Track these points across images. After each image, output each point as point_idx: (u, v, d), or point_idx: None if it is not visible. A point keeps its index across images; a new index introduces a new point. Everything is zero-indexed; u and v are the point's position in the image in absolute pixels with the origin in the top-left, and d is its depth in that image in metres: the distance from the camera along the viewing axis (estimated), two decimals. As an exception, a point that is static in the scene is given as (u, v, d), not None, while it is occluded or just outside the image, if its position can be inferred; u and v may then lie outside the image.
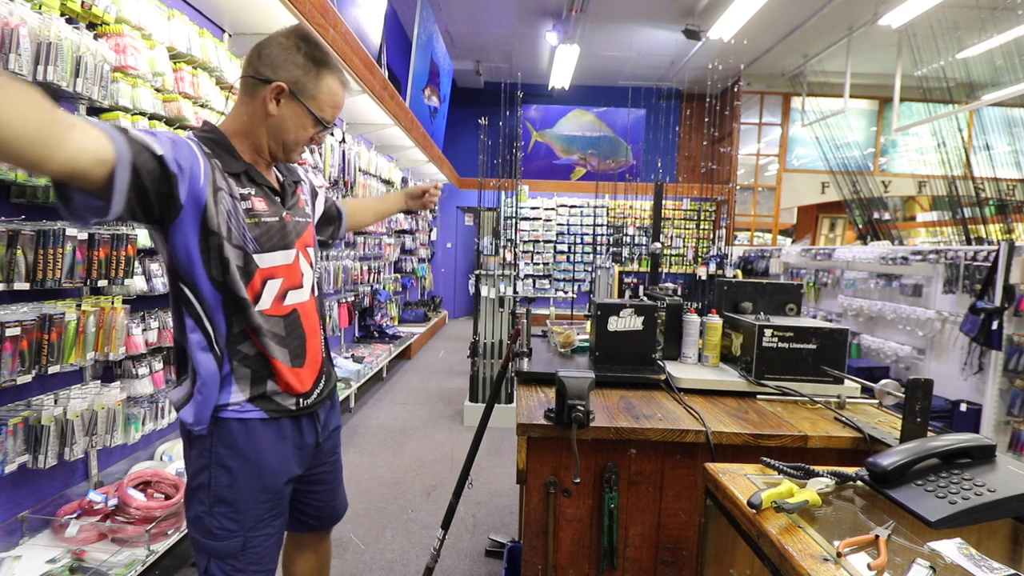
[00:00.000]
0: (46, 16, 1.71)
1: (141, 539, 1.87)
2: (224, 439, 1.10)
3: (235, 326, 1.08)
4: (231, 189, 1.05)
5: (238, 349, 1.09)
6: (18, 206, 1.81)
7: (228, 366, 1.09)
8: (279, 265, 1.12)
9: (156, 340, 2.28)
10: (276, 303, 1.11)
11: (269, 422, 1.13)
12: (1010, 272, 3.12)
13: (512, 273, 4.28)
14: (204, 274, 1.04)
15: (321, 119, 1.13)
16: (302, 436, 1.21)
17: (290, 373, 1.14)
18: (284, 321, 1.13)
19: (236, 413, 1.10)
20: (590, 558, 1.31)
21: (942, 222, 5.41)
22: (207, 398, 1.08)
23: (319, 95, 1.11)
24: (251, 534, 1.13)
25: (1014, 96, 5.03)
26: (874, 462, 0.87)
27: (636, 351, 1.61)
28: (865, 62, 8.05)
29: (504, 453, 3.59)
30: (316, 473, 1.33)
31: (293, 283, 1.15)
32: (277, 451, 1.15)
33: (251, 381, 1.10)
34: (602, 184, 7.90)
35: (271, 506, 1.16)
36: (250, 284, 1.07)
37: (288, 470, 1.18)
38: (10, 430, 1.72)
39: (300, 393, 1.17)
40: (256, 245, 1.07)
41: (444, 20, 7.50)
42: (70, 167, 0.80)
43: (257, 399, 1.11)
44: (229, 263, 1.04)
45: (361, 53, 4.01)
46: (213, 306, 1.06)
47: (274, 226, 1.12)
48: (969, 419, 3.33)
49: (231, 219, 1.04)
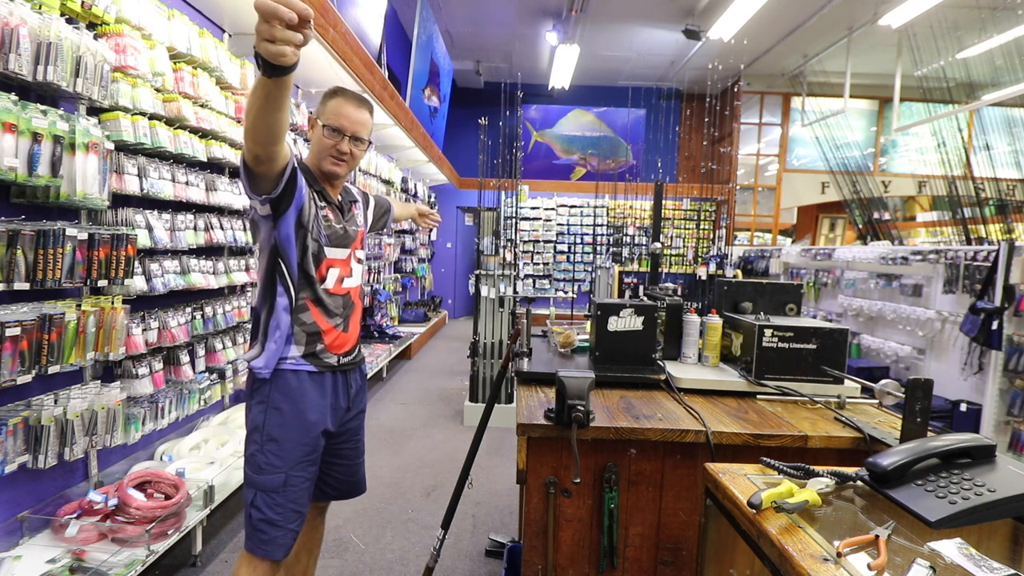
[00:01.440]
0: (46, 16, 1.71)
1: (141, 539, 1.87)
2: (280, 386, 1.41)
3: (299, 299, 1.43)
4: (315, 200, 1.44)
5: (299, 317, 1.43)
6: (18, 206, 1.81)
7: (292, 328, 1.42)
8: (339, 259, 1.49)
9: (156, 340, 2.28)
10: (337, 285, 1.49)
11: (315, 376, 1.45)
12: (1010, 272, 3.12)
13: (512, 273, 4.28)
14: (295, 254, 1.40)
15: (326, 124, 1.44)
16: (337, 396, 1.52)
17: (338, 336, 1.50)
18: (342, 299, 1.51)
19: (292, 365, 1.42)
20: (590, 558, 1.31)
21: (942, 222, 5.41)
22: (278, 348, 1.40)
23: (326, 111, 1.46)
24: (292, 472, 1.40)
25: (1014, 96, 5.03)
26: (874, 462, 0.87)
27: (636, 351, 1.61)
28: (865, 62, 8.05)
29: (504, 453, 3.59)
30: (340, 446, 1.61)
31: (347, 273, 1.52)
32: (317, 404, 1.45)
33: (306, 342, 1.44)
34: (602, 184, 7.90)
35: (309, 450, 1.44)
36: (319, 268, 1.45)
37: (324, 421, 1.47)
38: (10, 430, 1.72)
39: (341, 352, 1.51)
40: (327, 240, 1.46)
41: (444, 20, 7.50)
42: (282, 154, 1.25)
43: (309, 356, 1.44)
44: (308, 250, 1.41)
45: (361, 53, 4.01)
46: (295, 279, 1.41)
47: (338, 231, 1.49)
48: (969, 419, 3.33)
49: (314, 220, 1.42)
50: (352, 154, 1.48)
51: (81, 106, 1.95)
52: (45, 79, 1.69)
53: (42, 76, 1.69)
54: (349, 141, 1.46)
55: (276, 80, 1.04)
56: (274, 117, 1.13)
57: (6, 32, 1.58)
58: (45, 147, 1.69)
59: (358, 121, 1.46)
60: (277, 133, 1.17)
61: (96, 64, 1.87)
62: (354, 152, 1.48)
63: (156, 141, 2.21)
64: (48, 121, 1.69)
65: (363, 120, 1.48)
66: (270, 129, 1.15)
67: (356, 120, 1.46)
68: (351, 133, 1.45)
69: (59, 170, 1.73)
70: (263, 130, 1.15)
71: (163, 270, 2.33)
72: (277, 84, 1.05)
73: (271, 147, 1.20)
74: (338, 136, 1.44)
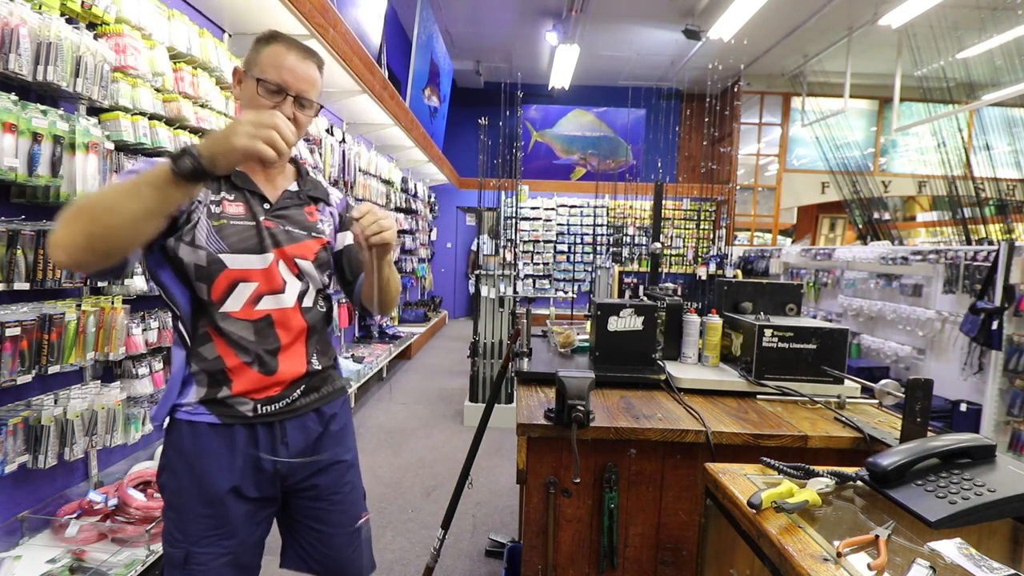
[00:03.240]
0: (46, 16, 1.71)
1: (141, 539, 1.87)
2: (173, 441, 1.10)
3: (200, 327, 1.08)
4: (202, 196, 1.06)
5: (199, 351, 1.08)
6: (18, 206, 1.81)
7: (189, 368, 1.08)
8: (253, 268, 1.07)
9: (156, 340, 2.28)
10: (247, 307, 1.08)
11: (219, 428, 1.08)
12: (1010, 272, 3.12)
13: (512, 273, 4.28)
14: (171, 274, 1.06)
15: (262, 79, 1.07)
16: (257, 448, 1.11)
17: (253, 378, 1.09)
18: (254, 326, 1.08)
19: (187, 415, 1.08)
20: (590, 558, 1.31)
21: (942, 222, 5.41)
22: (168, 394, 1.09)
23: (261, 61, 1.08)
24: (194, 548, 1.08)
25: (1014, 96, 5.03)
26: (874, 462, 0.87)
27: (636, 351, 1.61)
28: (865, 62, 8.05)
29: (504, 453, 3.59)
30: (310, 507, 1.21)
31: (268, 288, 1.09)
32: (221, 461, 1.08)
33: (208, 384, 1.08)
34: (602, 184, 7.90)
35: (215, 523, 1.09)
36: (214, 284, 1.05)
37: (233, 484, 1.09)
38: (10, 430, 1.72)
39: (260, 399, 1.10)
40: (223, 245, 1.05)
41: (444, 20, 7.50)
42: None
43: (210, 402, 1.08)
44: (186, 261, 1.04)
45: (361, 53, 4.01)
46: (182, 305, 1.07)
47: (244, 229, 1.07)
48: (969, 419, 3.33)
49: (196, 218, 1.04)
50: (297, 120, 1.09)
51: (81, 106, 1.95)
52: (45, 79, 1.69)
53: (42, 76, 1.69)
54: (293, 103, 1.08)
55: (192, 185, 0.88)
56: (145, 230, 0.92)
57: (6, 32, 1.58)
58: (45, 147, 1.69)
59: (304, 77, 1.09)
60: (139, 243, 0.96)
61: (96, 64, 1.87)
62: (299, 118, 1.10)
63: (156, 141, 2.20)
64: (48, 121, 1.69)
65: (310, 76, 1.10)
66: (131, 241, 0.92)
67: (302, 75, 1.08)
68: (296, 92, 1.08)
69: (59, 170, 1.73)
70: (122, 240, 0.90)
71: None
72: (188, 191, 0.89)
73: (123, 256, 0.95)
74: (278, 96, 1.07)
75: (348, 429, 1.28)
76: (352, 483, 1.27)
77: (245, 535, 1.13)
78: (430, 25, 6.79)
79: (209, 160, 0.86)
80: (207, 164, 0.86)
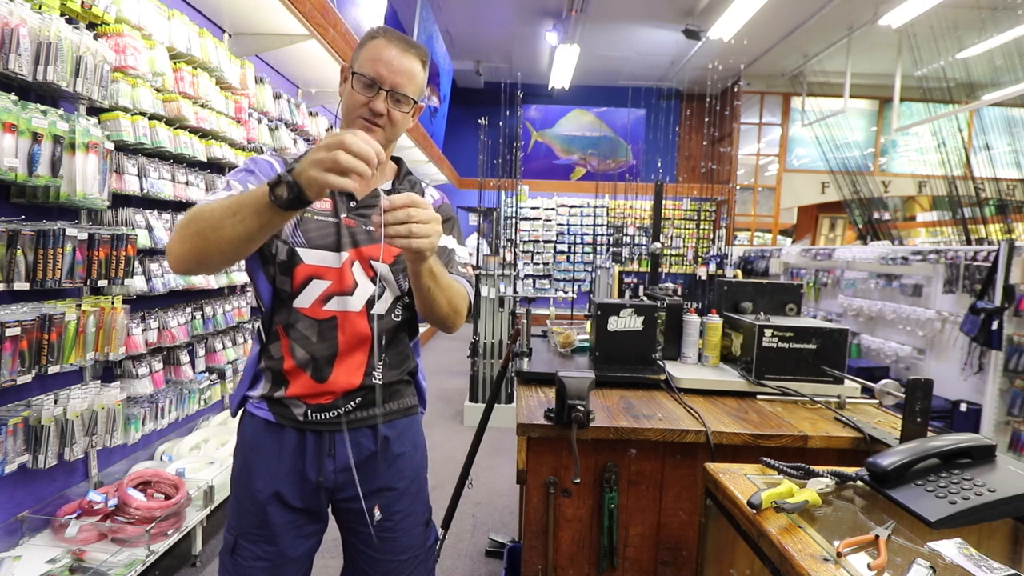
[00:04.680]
0: (46, 16, 1.71)
1: (141, 539, 1.87)
2: (240, 429, 1.14)
3: (274, 325, 1.07)
4: None
5: (269, 348, 1.08)
6: (18, 206, 1.81)
7: (260, 363, 1.10)
8: (328, 266, 1.05)
9: (156, 340, 2.28)
10: (316, 305, 1.05)
11: (273, 427, 1.08)
12: (1010, 272, 3.12)
13: (512, 273, 4.28)
14: (260, 267, 1.07)
15: (358, 72, 1.04)
16: (303, 456, 1.08)
17: (306, 383, 1.06)
18: (319, 326, 1.05)
19: (253, 407, 1.12)
20: (590, 558, 1.31)
21: (942, 222, 5.41)
22: (241, 384, 1.13)
23: (361, 56, 1.06)
24: (240, 540, 1.09)
25: (1014, 96, 5.03)
26: (874, 462, 0.87)
27: (636, 351, 1.61)
28: (865, 62, 8.05)
29: (504, 453, 3.58)
30: (357, 528, 1.15)
31: (338, 288, 1.06)
32: (269, 462, 1.08)
33: (272, 380, 1.08)
34: (602, 184, 7.90)
35: (257, 521, 1.08)
36: (292, 278, 1.05)
37: (275, 489, 1.08)
38: (10, 430, 1.72)
39: (312, 405, 1.07)
40: (302, 239, 1.04)
41: (444, 20, 7.50)
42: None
43: (271, 400, 1.09)
44: (273, 255, 1.04)
45: (361, 53, 4.01)
46: (265, 300, 1.08)
47: (325, 225, 1.06)
48: (969, 419, 3.33)
49: None
50: (391, 117, 1.04)
51: (81, 106, 1.95)
52: (45, 79, 1.69)
53: (42, 76, 1.69)
54: (387, 98, 1.03)
55: (293, 213, 0.86)
56: (249, 248, 0.93)
57: (6, 32, 1.58)
58: (45, 147, 1.69)
59: (401, 70, 1.03)
60: (244, 256, 0.97)
61: (96, 64, 1.86)
62: (392, 115, 1.04)
63: (156, 141, 2.21)
64: (48, 121, 1.69)
65: (407, 69, 1.04)
66: (236, 256, 0.94)
67: (398, 68, 1.03)
68: (390, 86, 1.03)
69: (59, 170, 1.73)
70: (227, 257, 0.92)
71: (163, 270, 2.32)
72: (288, 216, 0.87)
73: (230, 265, 0.99)
74: (371, 90, 1.03)
75: (409, 455, 1.19)
76: (404, 511, 1.17)
77: (286, 546, 1.10)
78: (430, 25, 6.79)
79: (306, 188, 0.81)
80: (304, 194, 0.81)
